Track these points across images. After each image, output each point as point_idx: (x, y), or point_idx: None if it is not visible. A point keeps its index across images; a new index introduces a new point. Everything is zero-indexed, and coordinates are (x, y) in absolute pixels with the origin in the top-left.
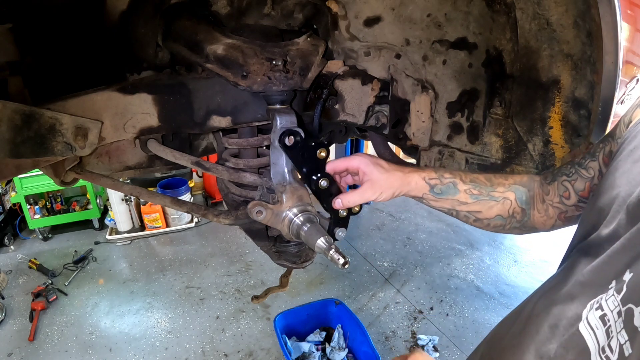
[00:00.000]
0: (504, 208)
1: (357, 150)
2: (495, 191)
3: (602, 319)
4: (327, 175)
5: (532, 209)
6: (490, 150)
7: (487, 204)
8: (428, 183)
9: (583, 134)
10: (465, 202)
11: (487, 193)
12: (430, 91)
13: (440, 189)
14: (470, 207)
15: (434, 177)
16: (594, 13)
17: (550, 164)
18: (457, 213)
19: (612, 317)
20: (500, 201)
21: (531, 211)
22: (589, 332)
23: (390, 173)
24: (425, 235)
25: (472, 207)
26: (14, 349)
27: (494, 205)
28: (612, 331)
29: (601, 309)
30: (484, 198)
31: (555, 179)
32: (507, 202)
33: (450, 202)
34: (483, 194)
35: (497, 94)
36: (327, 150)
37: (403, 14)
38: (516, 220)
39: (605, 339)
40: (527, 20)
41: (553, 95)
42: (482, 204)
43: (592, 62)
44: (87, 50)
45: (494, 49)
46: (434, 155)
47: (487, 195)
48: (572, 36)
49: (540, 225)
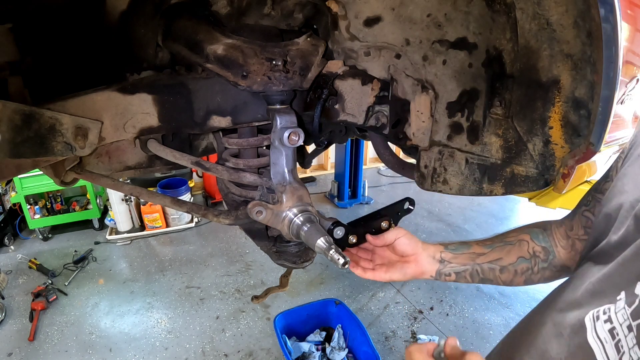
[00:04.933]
0: (523, 249)
1: (357, 150)
2: (508, 237)
3: (610, 333)
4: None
5: (555, 246)
6: (490, 150)
7: (504, 249)
8: (441, 244)
9: (583, 134)
10: (482, 252)
11: (500, 240)
12: (430, 91)
13: (455, 246)
14: (488, 256)
15: (441, 244)
16: (594, 13)
17: (550, 164)
18: (482, 269)
19: (621, 332)
20: (515, 244)
21: (555, 249)
22: (598, 345)
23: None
24: (426, 235)
25: (491, 256)
26: (14, 349)
27: (510, 249)
28: (623, 346)
29: (610, 321)
30: (498, 244)
31: (576, 212)
32: (523, 243)
33: (468, 256)
34: (496, 242)
35: (497, 94)
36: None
37: (403, 14)
38: (541, 260)
39: (615, 354)
40: (527, 20)
41: (553, 95)
42: (498, 250)
43: (592, 62)
44: (87, 50)
45: (494, 49)
46: (434, 155)
47: (501, 242)
48: (572, 36)
49: (571, 262)
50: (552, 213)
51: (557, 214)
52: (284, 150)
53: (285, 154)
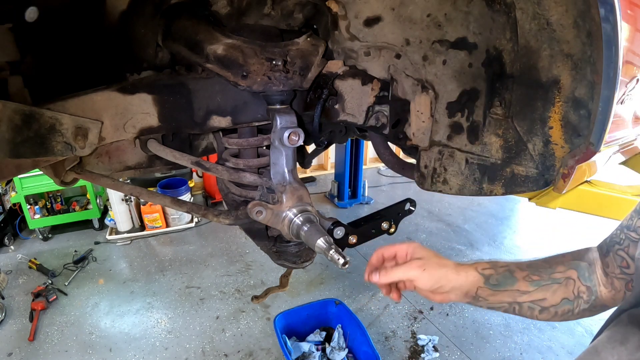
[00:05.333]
0: (568, 290)
1: (357, 150)
2: (556, 272)
3: None
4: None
5: (598, 285)
6: (490, 150)
7: (550, 288)
8: (482, 274)
9: (583, 134)
10: (527, 290)
11: (548, 276)
12: (430, 91)
13: (497, 279)
14: (532, 295)
15: (487, 267)
16: (594, 13)
17: (550, 164)
18: (520, 307)
19: None
20: (563, 282)
21: (598, 288)
22: None
23: (443, 259)
24: (426, 235)
25: (535, 296)
26: (14, 349)
27: (557, 288)
28: None
29: None
30: (546, 282)
31: (609, 250)
32: (570, 283)
33: (510, 294)
34: (544, 278)
35: (497, 94)
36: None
37: (403, 14)
38: (584, 301)
39: None
40: (527, 20)
41: (553, 95)
42: (544, 289)
43: (592, 62)
44: (87, 50)
45: (494, 49)
46: (434, 155)
47: (549, 279)
48: (572, 36)
49: (610, 302)
50: (553, 213)
51: (558, 214)
52: (284, 150)
53: (285, 154)
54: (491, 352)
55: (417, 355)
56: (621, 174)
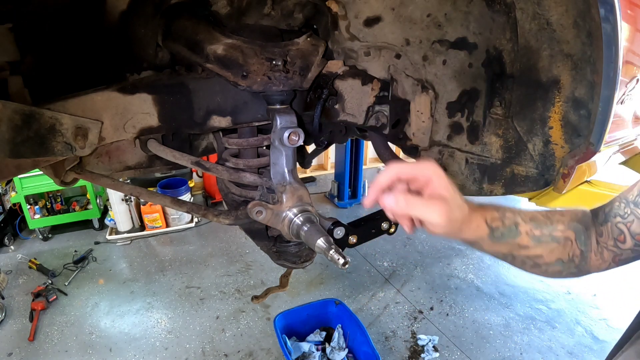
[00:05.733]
0: (565, 251)
1: (357, 150)
2: (557, 230)
3: None
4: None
5: (590, 251)
6: (490, 150)
7: (549, 246)
8: (489, 226)
9: (583, 134)
10: (526, 245)
11: (549, 233)
12: (430, 91)
13: (502, 232)
14: (530, 251)
15: (495, 218)
16: (594, 13)
17: (550, 164)
18: (514, 258)
19: None
20: (561, 243)
21: (589, 255)
22: None
23: (462, 203)
24: (425, 235)
25: (533, 252)
26: (14, 349)
27: (554, 248)
28: None
29: None
30: (546, 240)
31: (607, 219)
32: (568, 244)
33: (509, 246)
34: (544, 234)
35: (497, 94)
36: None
37: (403, 14)
38: (574, 265)
39: None
40: (527, 20)
41: (553, 95)
42: (543, 246)
43: (592, 62)
44: (87, 50)
45: (494, 49)
46: (434, 155)
47: (549, 236)
48: (572, 36)
49: (595, 269)
50: None
51: None
52: (284, 150)
53: (285, 154)
54: (491, 352)
55: (417, 355)
56: (621, 174)
